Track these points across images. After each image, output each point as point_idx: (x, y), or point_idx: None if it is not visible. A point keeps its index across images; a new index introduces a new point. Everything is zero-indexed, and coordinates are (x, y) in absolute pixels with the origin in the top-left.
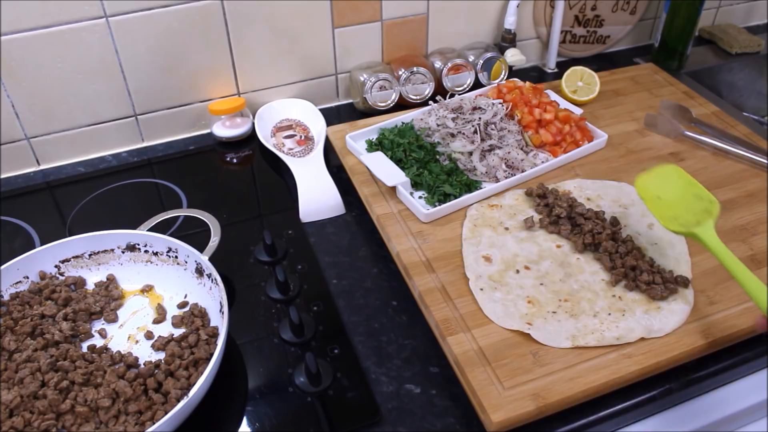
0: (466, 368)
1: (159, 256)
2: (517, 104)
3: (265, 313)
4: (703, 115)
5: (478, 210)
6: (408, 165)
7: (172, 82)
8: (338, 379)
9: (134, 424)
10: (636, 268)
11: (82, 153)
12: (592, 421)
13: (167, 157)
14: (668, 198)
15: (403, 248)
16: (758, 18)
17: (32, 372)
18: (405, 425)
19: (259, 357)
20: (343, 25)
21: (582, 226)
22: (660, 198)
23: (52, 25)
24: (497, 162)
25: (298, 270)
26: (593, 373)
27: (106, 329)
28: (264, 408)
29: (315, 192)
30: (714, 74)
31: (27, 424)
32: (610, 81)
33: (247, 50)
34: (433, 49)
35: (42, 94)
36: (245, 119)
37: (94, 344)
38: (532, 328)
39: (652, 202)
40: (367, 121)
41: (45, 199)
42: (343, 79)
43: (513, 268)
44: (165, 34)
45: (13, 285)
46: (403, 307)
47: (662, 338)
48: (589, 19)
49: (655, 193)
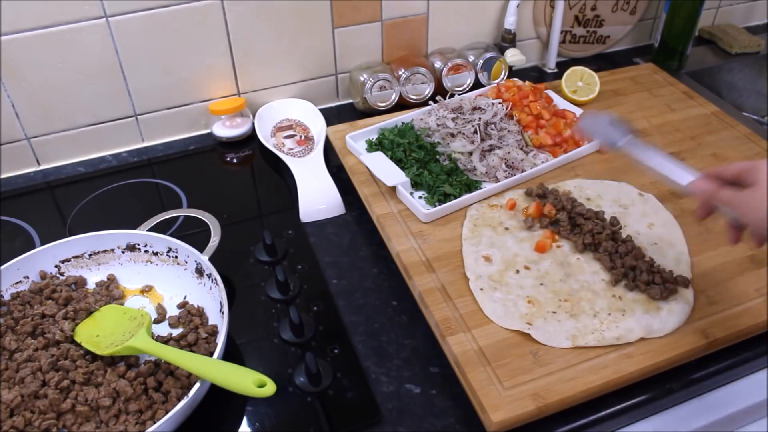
0: (466, 368)
1: (159, 256)
2: (516, 104)
3: (265, 313)
4: (703, 115)
5: (478, 210)
6: (408, 165)
7: (172, 82)
8: (338, 379)
9: (135, 424)
10: (636, 268)
11: (82, 153)
12: (592, 421)
13: (167, 157)
14: (105, 332)
15: (403, 248)
16: (758, 18)
17: (33, 371)
18: (405, 425)
19: (259, 357)
20: (343, 25)
21: (582, 226)
22: (98, 336)
23: (52, 25)
24: (497, 162)
25: (298, 270)
26: (593, 373)
27: None
28: (264, 408)
29: (315, 192)
30: (714, 74)
31: (28, 423)
32: (610, 81)
33: (247, 50)
34: (433, 49)
35: (42, 94)
36: (245, 119)
37: None
38: (532, 328)
39: (91, 343)
40: (367, 121)
41: (45, 199)
42: (343, 79)
43: (513, 268)
44: (165, 34)
45: (13, 285)
46: (403, 307)
47: (662, 338)
48: (589, 19)
49: (92, 335)
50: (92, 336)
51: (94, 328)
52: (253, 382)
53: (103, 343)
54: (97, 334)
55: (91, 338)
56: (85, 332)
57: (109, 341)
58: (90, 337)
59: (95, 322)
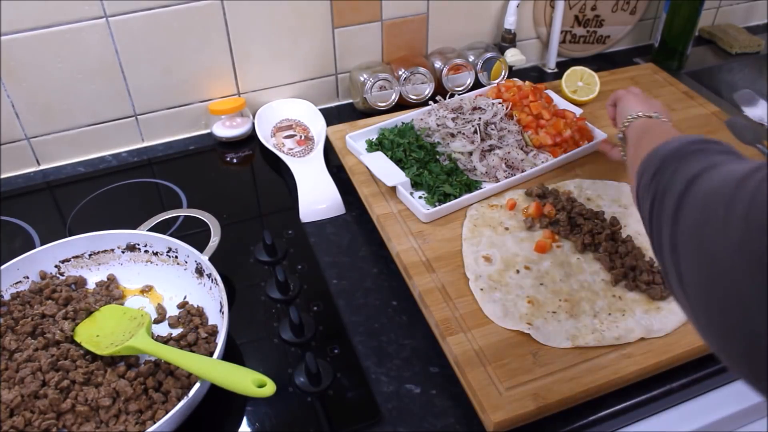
0: (465, 368)
1: (159, 256)
2: (516, 104)
3: (265, 313)
4: (703, 115)
5: (478, 210)
6: (408, 165)
7: (172, 82)
8: (338, 379)
9: (135, 424)
10: (636, 268)
11: (82, 153)
12: (592, 421)
13: (167, 157)
14: (105, 333)
15: (403, 248)
16: (758, 18)
17: (33, 371)
18: (405, 425)
19: (259, 357)
20: (343, 25)
21: (582, 226)
22: (98, 336)
23: (52, 25)
24: (497, 162)
25: (298, 270)
26: (593, 373)
27: None
28: (264, 408)
29: (315, 192)
30: (714, 74)
31: (28, 423)
32: (610, 81)
33: (247, 50)
34: (433, 49)
35: (42, 94)
36: (245, 119)
37: None
38: (532, 328)
39: (91, 343)
40: (367, 121)
41: (45, 199)
42: (343, 79)
43: (513, 268)
44: (165, 34)
45: (13, 285)
46: (403, 307)
47: (662, 338)
48: (589, 19)
49: (92, 335)
50: (92, 336)
51: (94, 328)
52: (253, 382)
53: (103, 343)
54: (97, 334)
55: (91, 338)
56: (85, 332)
57: (109, 341)
58: (90, 337)
59: (95, 322)
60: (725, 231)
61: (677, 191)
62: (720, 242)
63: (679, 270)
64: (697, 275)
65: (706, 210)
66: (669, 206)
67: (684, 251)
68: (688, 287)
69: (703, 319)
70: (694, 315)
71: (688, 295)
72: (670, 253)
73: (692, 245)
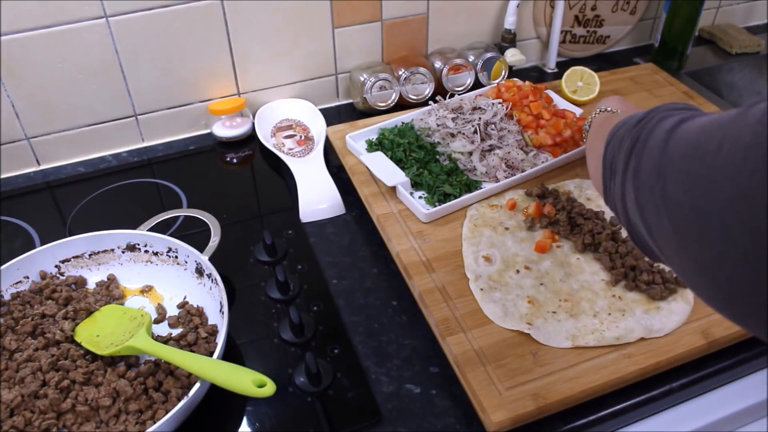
0: (465, 368)
1: (159, 256)
2: (516, 104)
3: (265, 313)
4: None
5: (478, 210)
6: (408, 165)
7: (172, 82)
8: (338, 379)
9: (135, 423)
10: (636, 268)
11: (82, 153)
12: (592, 421)
13: (167, 157)
14: (105, 332)
15: (403, 248)
16: (758, 18)
17: (33, 371)
18: (405, 425)
19: (259, 357)
20: (343, 25)
21: (582, 226)
22: (98, 336)
23: (52, 25)
24: (497, 162)
25: (298, 270)
26: (593, 373)
27: None
28: (264, 408)
29: (315, 192)
30: (714, 74)
31: (28, 423)
32: (610, 81)
33: (247, 50)
34: (433, 49)
35: (42, 94)
36: (245, 119)
37: None
38: (531, 328)
39: (91, 343)
40: (367, 121)
41: (45, 199)
42: (343, 79)
43: (513, 268)
44: (165, 34)
45: (13, 285)
46: (403, 307)
47: (662, 338)
48: (589, 19)
49: (93, 335)
50: (92, 336)
51: (94, 328)
52: (253, 382)
53: (103, 343)
54: (97, 334)
55: (91, 338)
56: (85, 332)
57: (109, 341)
58: (90, 337)
59: (95, 322)
60: (731, 138)
61: (667, 127)
62: (722, 156)
63: (665, 192)
64: (689, 196)
65: (702, 136)
66: (657, 138)
67: (671, 172)
68: (672, 212)
69: (693, 243)
70: (679, 240)
71: (672, 219)
72: (656, 179)
73: (684, 167)
